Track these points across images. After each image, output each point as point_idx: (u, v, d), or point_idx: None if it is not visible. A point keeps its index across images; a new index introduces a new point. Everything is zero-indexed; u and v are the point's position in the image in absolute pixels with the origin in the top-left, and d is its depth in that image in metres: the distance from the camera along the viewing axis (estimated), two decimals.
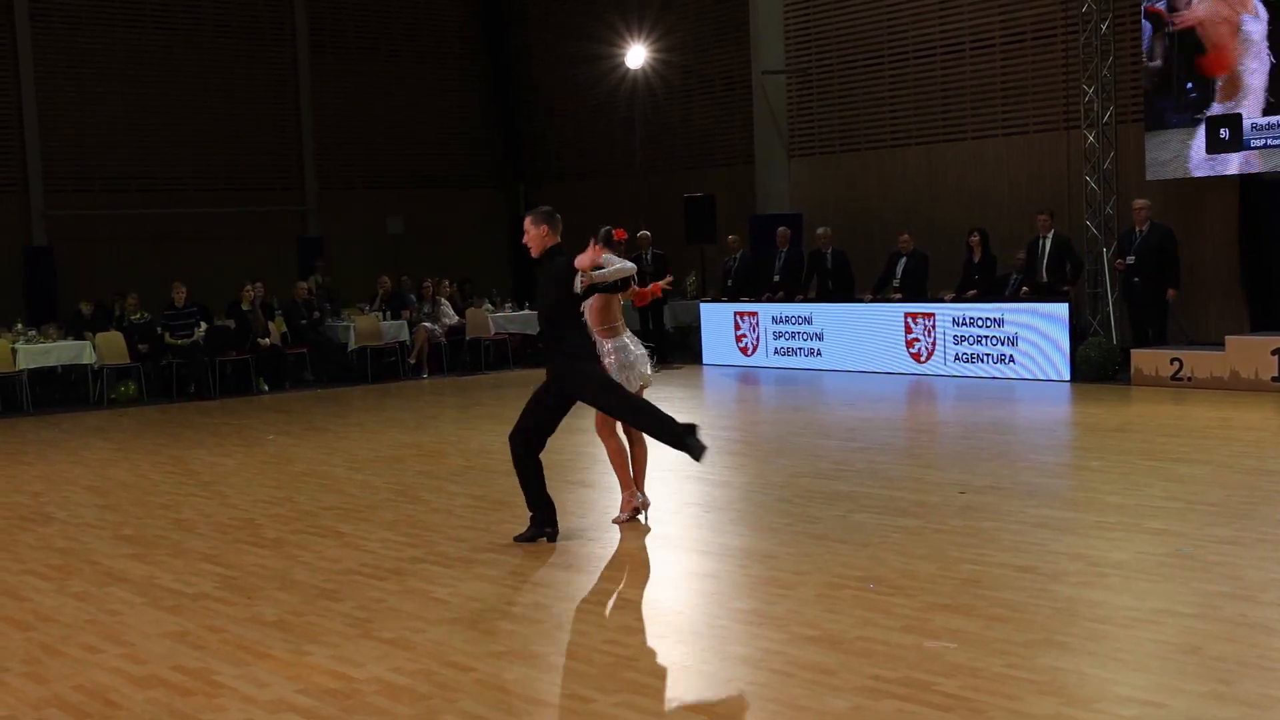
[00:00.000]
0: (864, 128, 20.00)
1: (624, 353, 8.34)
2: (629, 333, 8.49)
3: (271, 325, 18.35)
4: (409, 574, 7.22)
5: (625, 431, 8.46)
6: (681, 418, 7.67)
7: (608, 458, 8.46)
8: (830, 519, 8.21)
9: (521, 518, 8.19)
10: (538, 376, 8.91)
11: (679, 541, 7.93)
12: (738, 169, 21.84)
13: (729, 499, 9.11)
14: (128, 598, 6.97)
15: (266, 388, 17.74)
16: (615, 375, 8.17)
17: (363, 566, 7.44)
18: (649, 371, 8.51)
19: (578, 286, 7.44)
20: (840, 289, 17.78)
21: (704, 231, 20.34)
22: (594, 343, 8.13)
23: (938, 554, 7.16)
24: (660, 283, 9.52)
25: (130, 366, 17.30)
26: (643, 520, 8.37)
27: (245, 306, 17.91)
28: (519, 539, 7.90)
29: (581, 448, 11.44)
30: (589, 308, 8.17)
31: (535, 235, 7.73)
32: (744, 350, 18.28)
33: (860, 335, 16.74)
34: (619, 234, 8.52)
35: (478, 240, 24.74)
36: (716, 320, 18.69)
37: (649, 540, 7.94)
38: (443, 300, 19.77)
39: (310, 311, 19.09)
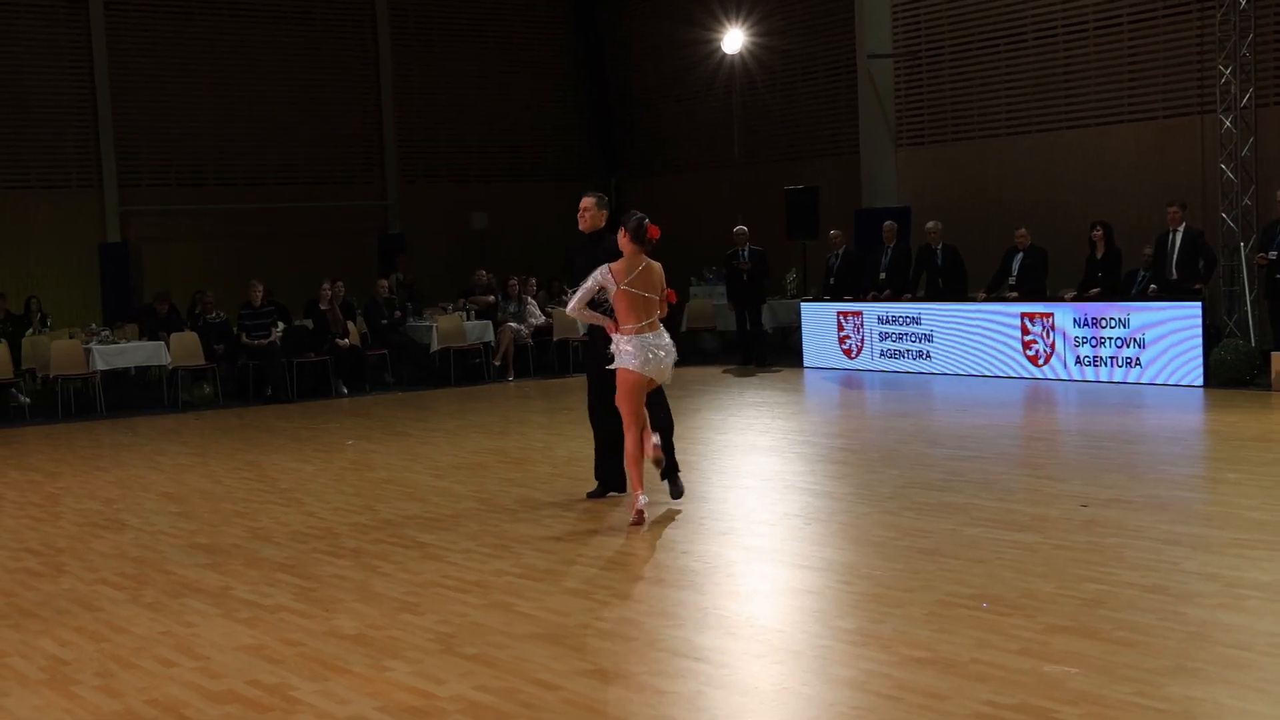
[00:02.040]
0: (978, 114, 19.78)
1: (641, 349, 8.64)
2: (658, 333, 8.75)
3: (351, 325, 18.59)
4: (493, 587, 7.26)
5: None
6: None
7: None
8: (941, 533, 8.12)
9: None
10: None
11: (778, 555, 7.89)
12: (842, 159, 21.71)
13: (831, 510, 9.05)
14: (202, 609, 7.09)
15: (346, 390, 17.96)
16: (623, 360, 8.67)
17: (445, 579, 7.50)
18: (666, 374, 8.83)
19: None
20: (951, 287, 17.60)
21: (806, 226, 20.25)
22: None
23: (1058, 572, 7.06)
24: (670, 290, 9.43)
25: (206, 368, 17.62)
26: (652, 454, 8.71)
27: (324, 306, 18.16)
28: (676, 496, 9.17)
29: (675, 455, 11.43)
30: (615, 306, 8.72)
31: (597, 215, 9.44)
32: (848, 352, 18.17)
33: (973, 337, 16.55)
34: (653, 231, 8.70)
35: (566, 236, 24.69)
36: (818, 320, 18.60)
37: (745, 553, 7.92)
38: (529, 299, 19.90)
39: (391, 311, 19.31)
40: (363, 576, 7.65)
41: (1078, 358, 15.53)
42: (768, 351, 19.53)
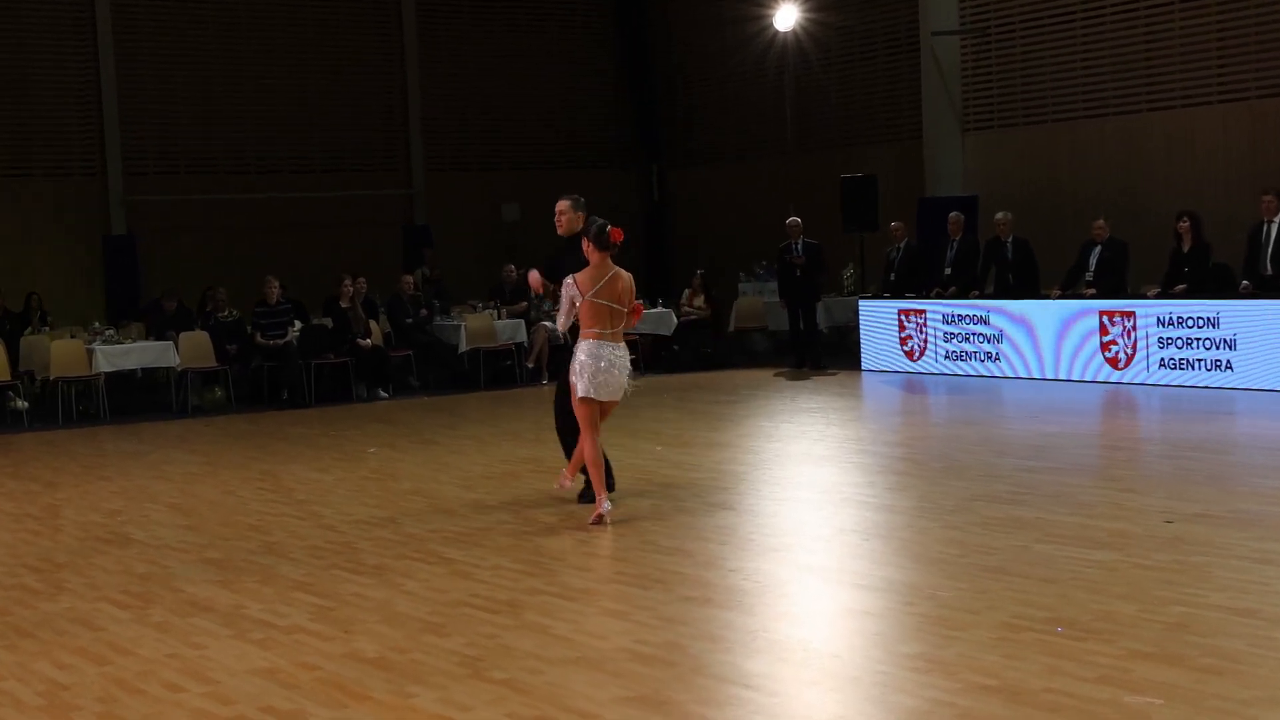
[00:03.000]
0: (1052, 95, 19.68)
1: (594, 360, 9.19)
2: (617, 344, 9.34)
3: (373, 324, 18.66)
4: (526, 607, 7.27)
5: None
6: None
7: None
8: (1010, 550, 8.08)
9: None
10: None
11: (834, 574, 7.88)
12: (903, 145, 21.65)
13: (891, 525, 9.03)
14: (213, 629, 7.13)
15: (373, 394, 18.03)
16: (575, 372, 9.25)
17: (474, 598, 7.52)
18: (623, 385, 9.38)
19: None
20: (1023, 283, 17.51)
21: (864, 217, 20.18)
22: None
23: (1139, 593, 7.01)
24: (640, 302, 9.90)
25: (217, 370, 17.73)
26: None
27: (344, 303, 18.24)
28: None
29: (722, 465, 11.44)
30: (580, 314, 9.33)
31: (574, 218, 9.93)
32: (909, 354, 18.11)
33: (1046, 337, 16.46)
34: (615, 234, 9.31)
35: None
36: (878, 319, 18.55)
37: (798, 571, 7.91)
38: None
39: (416, 309, 19.38)
40: (385, 595, 7.68)
41: (1162, 360, 15.42)
42: (822, 353, 19.48)
